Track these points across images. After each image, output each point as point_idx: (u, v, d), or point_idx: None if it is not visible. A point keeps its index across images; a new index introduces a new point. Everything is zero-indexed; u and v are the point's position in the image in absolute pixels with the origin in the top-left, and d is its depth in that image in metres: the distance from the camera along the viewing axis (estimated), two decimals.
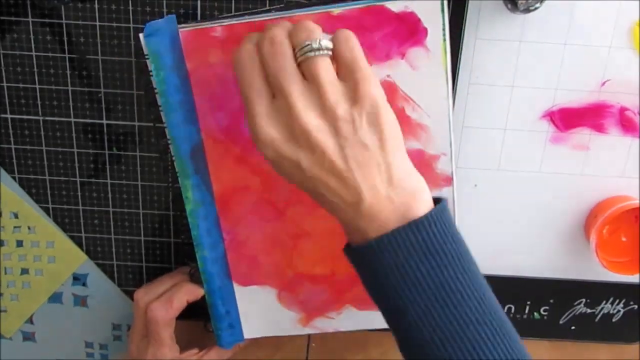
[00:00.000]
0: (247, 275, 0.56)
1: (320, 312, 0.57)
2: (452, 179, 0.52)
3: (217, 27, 0.48)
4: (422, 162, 0.52)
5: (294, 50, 0.42)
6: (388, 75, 0.50)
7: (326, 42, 0.42)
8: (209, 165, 0.52)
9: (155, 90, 0.50)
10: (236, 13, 0.51)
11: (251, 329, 0.58)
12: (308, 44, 0.41)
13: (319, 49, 0.41)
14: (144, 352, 0.55)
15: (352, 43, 0.42)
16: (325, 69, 0.41)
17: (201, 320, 0.59)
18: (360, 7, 0.48)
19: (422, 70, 0.49)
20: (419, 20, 0.48)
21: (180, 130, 0.51)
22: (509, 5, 0.50)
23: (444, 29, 0.48)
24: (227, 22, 0.49)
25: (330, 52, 0.42)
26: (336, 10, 0.48)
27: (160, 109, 0.50)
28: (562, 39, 0.54)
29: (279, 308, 0.57)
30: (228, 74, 0.50)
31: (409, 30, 0.48)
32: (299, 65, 0.42)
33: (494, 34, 0.53)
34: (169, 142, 0.51)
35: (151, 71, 0.49)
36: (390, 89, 0.50)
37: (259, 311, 0.57)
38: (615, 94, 0.55)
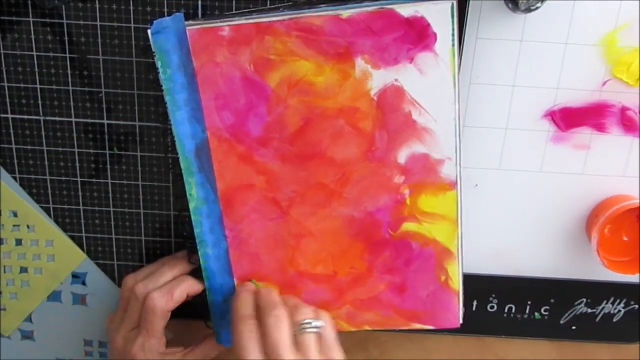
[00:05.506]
0: (248, 272, 0.56)
1: None
2: (456, 183, 0.53)
3: (225, 27, 0.48)
4: (427, 166, 0.52)
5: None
6: (396, 79, 0.50)
7: (318, 322, 0.51)
8: (213, 164, 0.52)
9: (162, 88, 0.50)
10: (244, 10, 0.51)
11: None
12: (307, 322, 0.51)
13: (314, 327, 0.51)
14: (132, 342, 0.55)
15: (332, 326, 0.53)
16: (316, 343, 0.50)
17: (202, 320, 0.59)
18: (370, 11, 0.48)
19: (430, 75, 0.49)
20: (429, 25, 0.48)
21: (185, 128, 0.51)
22: (510, 5, 0.50)
23: (453, 35, 0.48)
24: (235, 21, 0.48)
25: (319, 330, 0.51)
26: (345, 12, 0.48)
27: (166, 106, 0.50)
28: (563, 39, 0.54)
29: None
30: (234, 73, 0.50)
31: (418, 34, 0.48)
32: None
33: (495, 34, 0.53)
34: (174, 139, 0.51)
35: (158, 69, 0.49)
36: (398, 93, 0.50)
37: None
38: (616, 94, 0.55)
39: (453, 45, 0.49)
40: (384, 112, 0.51)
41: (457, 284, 0.56)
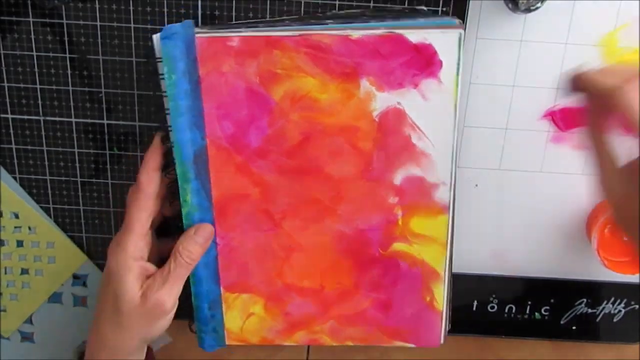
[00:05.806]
0: (236, 281, 0.56)
1: (304, 325, 0.57)
2: (449, 207, 0.53)
3: (234, 37, 0.49)
4: (422, 189, 0.52)
5: None
6: (398, 103, 0.50)
7: None
8: (210, 172, 0.52)
9: (164, 93, 0.50)
10: (250, 21, 0.52)
11: (234, 335, 0.58)
12: None
13: None
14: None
15: None
16: None
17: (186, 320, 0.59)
18: (380, 34, 0.48)
19: (432, 101, 0.50)
20: (436, 52, 0.48)
21: (185, 134, 0.51)
22: (510, 5, 0.50)
23: (458, 63, 0.48)
24: (243, 32, 0.49)
25: None
26: (355, 33, 0.48)
27: (167, 112, 0.50)
28: (563, 39, 0.54)
29: (264, 317, 0.57)
30: (239, 83, 0.50)
31: (424, 61, 0.49)
32: None
33: (495, 34, 0.54)
34: (172, 145, 0.51)
35: (162, 74, 0.49)
36: (399, 116, 0.50)
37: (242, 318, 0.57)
38: None
39: (458, 74, 0.49)
40: (384, 134, 0.51)
41: (442, 305, 0.56)
